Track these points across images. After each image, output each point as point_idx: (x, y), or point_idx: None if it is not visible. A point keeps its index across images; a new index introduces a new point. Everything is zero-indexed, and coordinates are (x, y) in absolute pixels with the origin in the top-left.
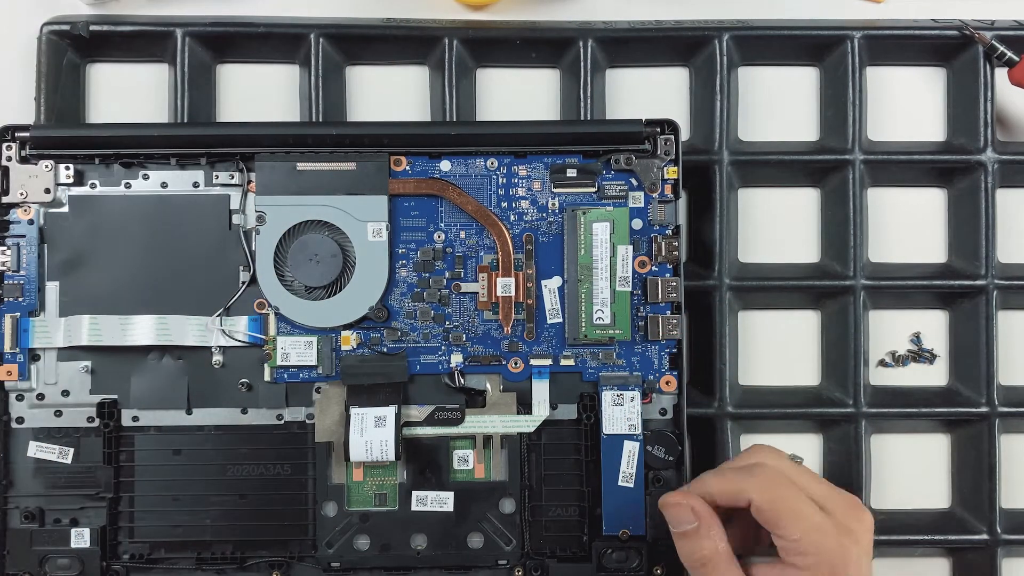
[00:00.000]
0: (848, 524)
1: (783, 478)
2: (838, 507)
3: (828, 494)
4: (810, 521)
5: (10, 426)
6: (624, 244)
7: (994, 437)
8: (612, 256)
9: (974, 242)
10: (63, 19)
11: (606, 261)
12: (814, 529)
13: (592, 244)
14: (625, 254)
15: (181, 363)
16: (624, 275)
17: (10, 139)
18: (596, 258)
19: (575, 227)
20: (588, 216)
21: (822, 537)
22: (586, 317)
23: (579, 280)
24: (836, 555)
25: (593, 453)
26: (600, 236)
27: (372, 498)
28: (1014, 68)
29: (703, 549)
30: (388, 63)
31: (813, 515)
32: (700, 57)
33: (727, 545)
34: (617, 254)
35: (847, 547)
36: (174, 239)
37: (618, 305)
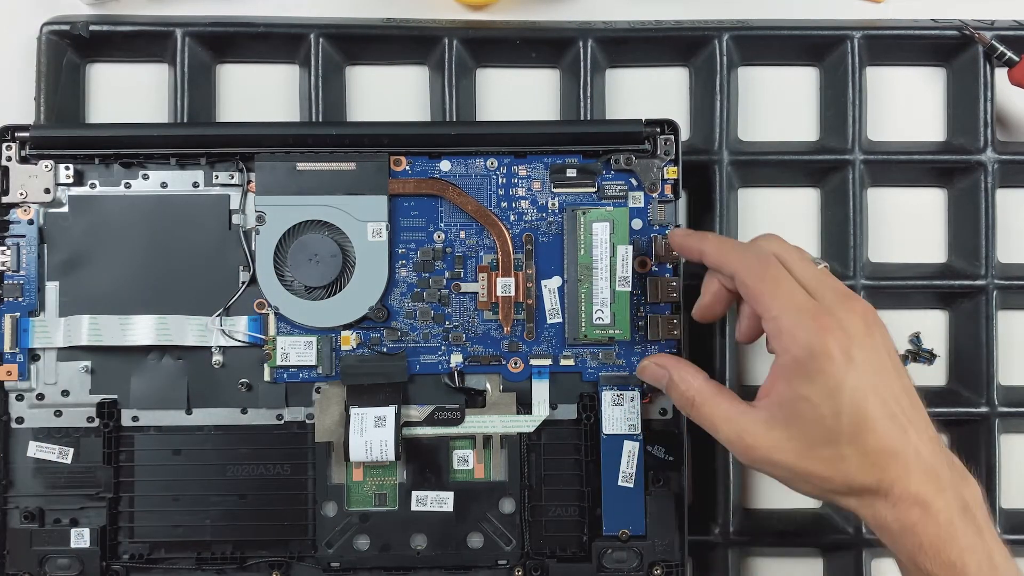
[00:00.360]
0: (835, 309)
1: (772, 258)
2: (827, 293)
3: (820, 280)
4: (790, 300)
5: (10, 426)
6: (624, 244)
7: (994, 437)
8: (612, 256)
9: (974, 242)
10: (63, 19)
11: (606, 261)
12: (794, 308)
13: (592, 244)
14: (625, 254)
15: (181, 363)
16: (624, 275)
17: (10, 139)
18: (596, 258)
19: (575, 227)
20: (588, 216)
21: (800, 316)
22: (586, 317)
23: (579, 280)
24: (815, 337)
25: (593, 453)
26: (600, 236)
27: (372, 498)
28: (1014, 68)
29: (684, 394)
30: (388, 63)
31: (795, 294)
32: (700, 57)
33: (705, 381)
34: (617, 254)
35: (828, 330)
36: (174, 239)
37: (618, 305)
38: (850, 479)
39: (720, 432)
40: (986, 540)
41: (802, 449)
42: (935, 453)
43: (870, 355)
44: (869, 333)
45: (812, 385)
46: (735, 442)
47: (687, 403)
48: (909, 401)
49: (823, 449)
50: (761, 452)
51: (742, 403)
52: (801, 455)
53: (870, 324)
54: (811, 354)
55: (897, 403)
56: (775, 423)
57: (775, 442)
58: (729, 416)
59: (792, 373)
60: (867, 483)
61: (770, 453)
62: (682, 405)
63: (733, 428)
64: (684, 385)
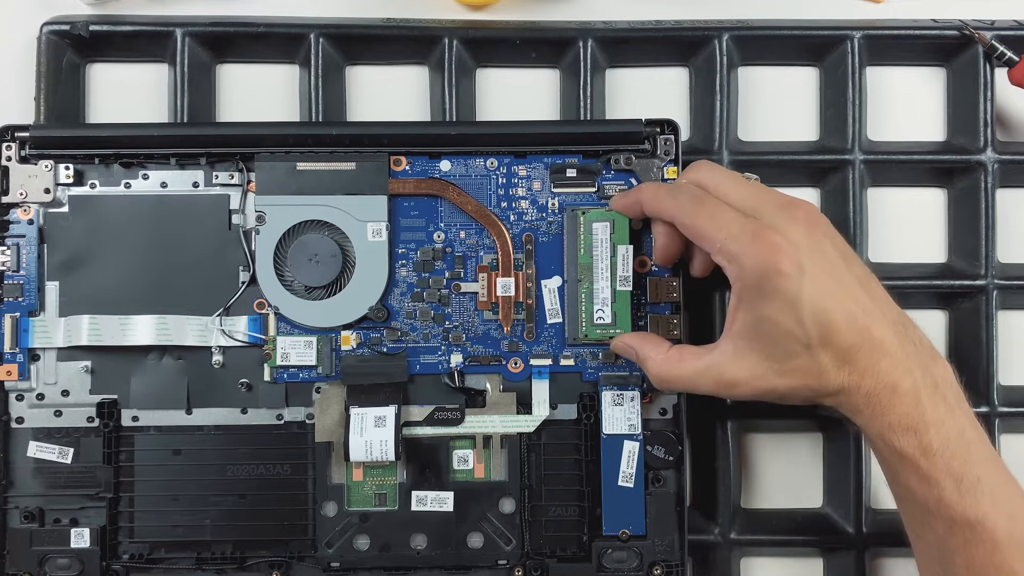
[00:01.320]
0: (776, 223)
1: (704, 194)
2: (766, 208)
3: (757, 197)
4: (730, 227)
5: (10, 426)
6: (624, 244)
7: (994, 437)
8: (612, 256)
9: (974, 242)
10: (63, 19)
11: (607, 261)
12: (736, 234)
13: (592, 244)
14: (625, 254)
15: (181, 363)
16: (624, 275)
17: (10, 139)
18: (596, 258)
19: (575, 227)
20: (588, 216)
21: (744, 241)
22: (586, 317)
23: (579, 280)
24: (762, 257)
25: (593, 453)
26: (600, 236)
27: (372, 498)
28: (1014, 68)
29: (652, 372)
30: (388, 63)
31: (731, 222)
32: (700, 57)
33: (668, 351)
34: (617, 254)
35: (775, 247)
36: (174, 239)
37: (619, 305)
38: (827, 382)
39: (701, 386)
40: (957, 416)
41: (778, 367)
42: (900, 336)
43: (819, 259)
44: (813, 235)
45: (770, 304)
46: (718, 387)
47: (656, 379)
48: (866, 292)
49: (796, 360)
50: (743, 384)
51: (705, 349)
52: (780, 373)
53: (812, 226)
54: (762, 275)
55: (855, 299)
56: (744, 351)
57: (751, 369)
58: (699, 368)
59: (749, 297)
60: (842, 382)
61: (752, 382)
62: (655, 380)
63: (710, 376)
64: (650, 362)
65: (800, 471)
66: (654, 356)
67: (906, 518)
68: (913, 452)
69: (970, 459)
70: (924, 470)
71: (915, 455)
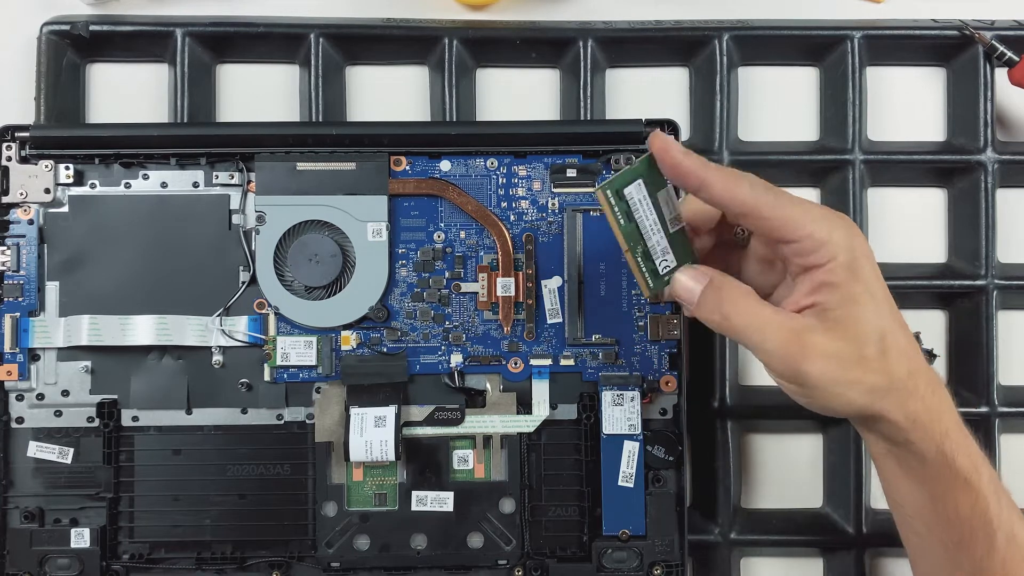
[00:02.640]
0: (841, 216)
1: (778, 188)
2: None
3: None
4: (813, 214)
5: (10, 426)
6: (663, 188)
7: (994, 437)
8: (656, 206)
9: (974, 242)
10: (63, 19)
11: (652, 215)
12: (821, 219)
13: (631, 208)
14: (667, 196)
15: (181, 363)
16: (673, 215)
17: (10, 139)
18: (640, 219)
19: (575, 227)
20: (614, 184)
21: (830, 225)
22: (649, 274)
23: (629, 247)
24: (851, 240)
25: (593, 453)
26: (636, 197)
27: (372, 498)
28: (1014, 68)
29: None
30: (388, 63)
31: (813, 207)
32: (700, 57)
33: (744, 286)
34: (660, 201)
35: (855, 233)
36: (174, 239)
37: (677, 245)
38: (892, 371)
39: (769, 336)
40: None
41: (855, 346)
42: None
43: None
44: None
45: (860, 284)
46: (789, 341)
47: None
48: None
49: (871, 344)
50: (819, 348)
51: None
52: (855, 351)
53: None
54: (854, 256)
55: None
56: (826, 327)
57: (830, 339)
58: (779, 320)
59: (840, 278)
60: (902, 375)
61: (827, 348)
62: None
63: (786, 328)
64: (729, 288)
65: (800, 471)
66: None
67: (938, 547)
68: (967, 467)
69: (994, 473)
70: (975, 486)
71: (968, 471)
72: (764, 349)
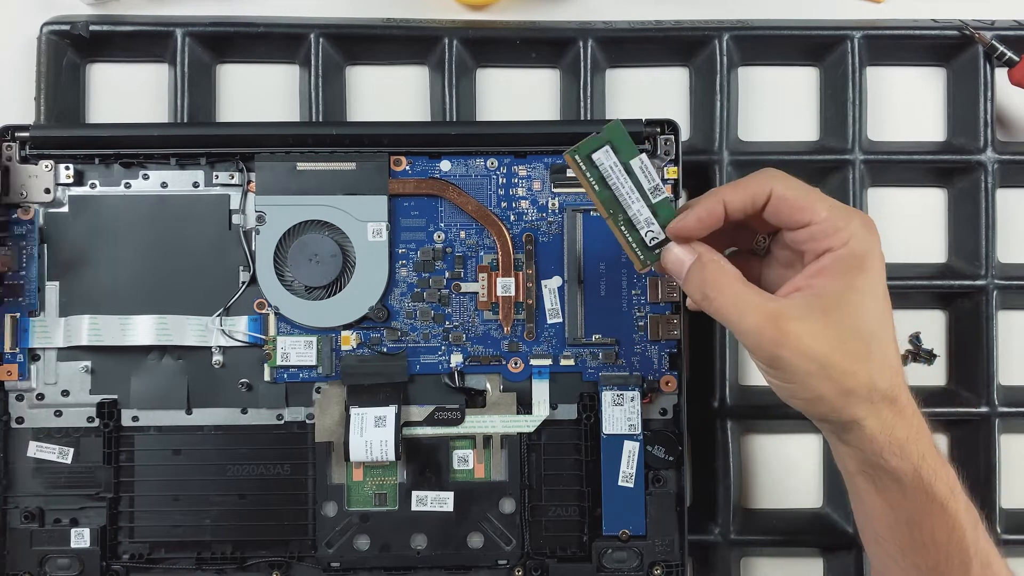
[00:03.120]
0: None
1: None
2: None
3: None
4: (831, 203)
5: (10, 426)
6: (635, 155)
7: (994, 437)
8: (630, 174)
9: (974, 242)
10: (63, 19)
11: (628, 183)
12: (840, 209)
13: (604, 175)
14: (642, 164)
15: (181, 363)
16: (652, 184)
17: (10, 139)
18: (616, 186)
19: (575, 227)
20: (580, 150)
21: (850, 215)
22: (637, 245)
23: (608, 216)
24: (868, 234)
25: (593, 453)
26: (606, 163)
27: (372, 498)
28: (1014, 68)
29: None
30: (388, 63)
31: (829, 198)
32: (700, 57)
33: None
34: (634, 169)
35: (872, 229)
36: (174, 239)
37: (663, 214)
38: (873, 378)
39: (747, 317)
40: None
41: (836, 340)
42: None
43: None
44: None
45: (865, 278)
46: (765, 324)
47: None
48: None
49: (855, 342)
50: (794, 338)
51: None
52: (834, 346)
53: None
54: (868, 248)
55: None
56: (813, 311)
57: (810, 328)
58: (758, 301)
59: (847, 266)
60: (883, 386)
61: (802, 339)
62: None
63: (764, 310)
64: (713, 266)
65: (800, 471)
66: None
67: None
68: (944, 493)
69: (969, 501)
70: (952, 512)
71: (946, 496)
72: (741, 329)
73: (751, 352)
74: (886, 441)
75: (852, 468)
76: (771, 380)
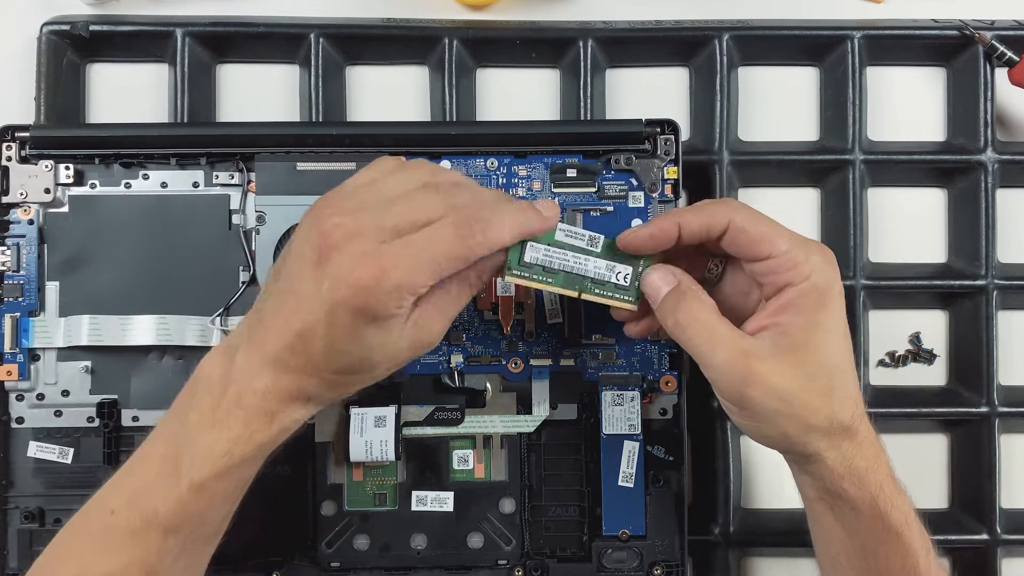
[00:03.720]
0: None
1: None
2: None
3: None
4: (792, 236)
5: (10, 426)
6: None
7: (994, 437)
8: (564, 246)
9: (974, 242)
10: (63, 19)
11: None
12: (800, 243)
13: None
14: (566, 231)
15: (181, 363)
16: (586, 239)
17: (10, 139)
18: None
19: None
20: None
21: (810, 249)
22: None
23: (578, 290)
24: (828, 268)
25: (593, 453)
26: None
27: (372, 498)
28: (1014, 68)
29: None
30: (388, 63)
31: (792, 233)
32: (700, 57)
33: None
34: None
35: (832, 263)
36: (174, 239)
37: (617, 256)
38: (834, 413)
39: (719, 353)
40: None
41: (803, 378)
42: None
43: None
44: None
45: (827, 313)
46: (735, 362)
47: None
48: None
49: (821, 378)
50: (763, 376)
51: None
52: (801, 385)
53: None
54: (828, 283)
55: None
56: (781, 351)
57: (778, 367)
58: (731, 338)
59: (809, 301)
60: (844, 419)
61: (771, 377)
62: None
63: (736, 348)
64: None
65: None
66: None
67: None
68: (899, 522)
69: (922, 527)
70: (906, 541)
71: (901, 525)
72: (711, 364)
73: (718, 388)
74: (845, 471)
75: (811, 495)
76: (737, 419)
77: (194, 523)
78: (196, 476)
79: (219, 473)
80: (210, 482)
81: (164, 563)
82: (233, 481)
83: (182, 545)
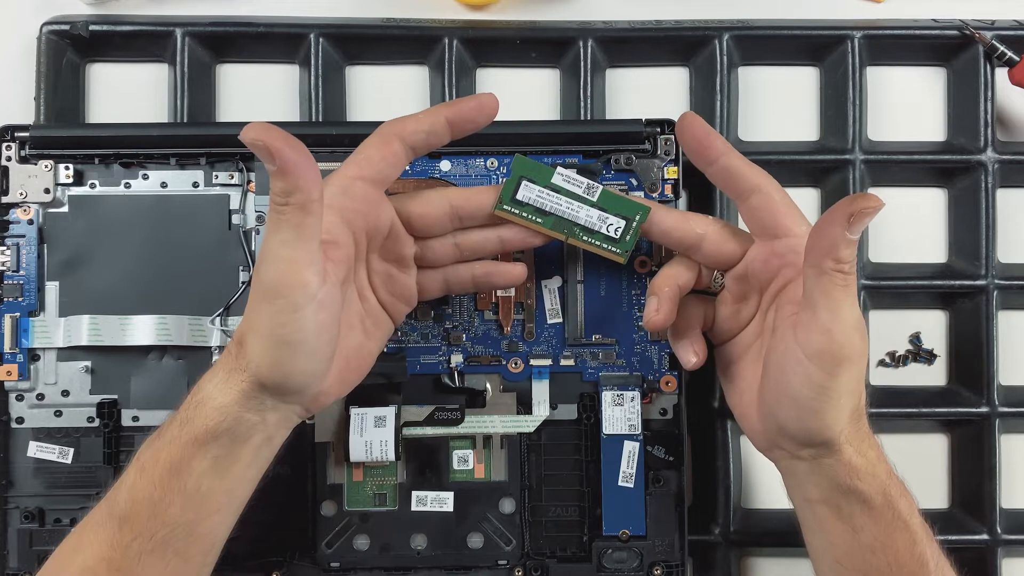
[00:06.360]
0: None
1: None
2: None
3: None
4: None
5: (10, 426)
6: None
7: (994, 437)
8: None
9: (974, 242)
10: (63, 19)
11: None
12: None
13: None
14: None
15: (181, 363)
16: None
17: (10, 139)
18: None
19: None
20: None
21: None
22: (605, 241)
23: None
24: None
25: (593, 453)
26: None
27: (371, 498)
28: (1014, 68)
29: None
30: (388, 63)
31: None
32: (700, 57)
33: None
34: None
35: None
36: (174, 239)
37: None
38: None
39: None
40: None
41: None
42: None
43: None
44: None
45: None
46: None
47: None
48: None
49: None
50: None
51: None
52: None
53: None
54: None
55: None
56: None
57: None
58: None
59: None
60: (861, 406)
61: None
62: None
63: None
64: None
65: None
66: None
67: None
68: (906, 510)
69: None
70: (912, 528)
71: (908, 513)
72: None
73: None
74: (860, 462)
75: (815, 497)
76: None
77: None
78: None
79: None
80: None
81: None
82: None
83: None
